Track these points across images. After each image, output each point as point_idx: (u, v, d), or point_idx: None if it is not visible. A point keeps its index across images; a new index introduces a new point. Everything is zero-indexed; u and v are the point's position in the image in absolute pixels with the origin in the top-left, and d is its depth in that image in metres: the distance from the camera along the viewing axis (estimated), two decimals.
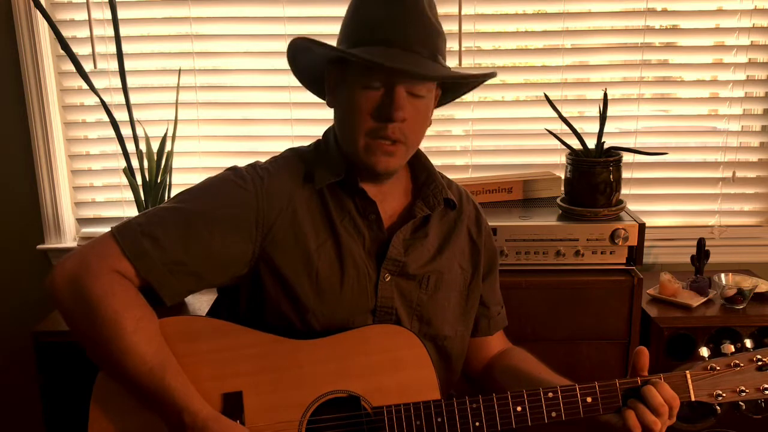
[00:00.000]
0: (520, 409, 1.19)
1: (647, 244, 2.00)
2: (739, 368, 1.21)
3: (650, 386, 1.18)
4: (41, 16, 2.08)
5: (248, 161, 1.34)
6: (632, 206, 2.17)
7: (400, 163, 1.27)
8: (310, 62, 1.29)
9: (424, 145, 1.34)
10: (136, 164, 2.05)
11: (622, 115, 2.32)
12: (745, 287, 1.97)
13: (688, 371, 1.21)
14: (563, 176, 2.05)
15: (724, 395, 1.20)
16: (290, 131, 2.34)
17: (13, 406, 2.45)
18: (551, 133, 2.06)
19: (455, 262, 1.38)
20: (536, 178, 2.18)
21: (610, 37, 2.28)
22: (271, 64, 2.30)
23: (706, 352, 1.24)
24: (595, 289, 1.90)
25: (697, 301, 1.99)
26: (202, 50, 2.30)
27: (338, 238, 1.27)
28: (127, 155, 2.06)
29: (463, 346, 1.40)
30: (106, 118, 2.03)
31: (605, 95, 1.95)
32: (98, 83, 2.13)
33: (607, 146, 1.97)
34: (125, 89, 2.03)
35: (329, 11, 2.24)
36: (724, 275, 2.06)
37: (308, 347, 1.22)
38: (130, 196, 2.18)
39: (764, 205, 2.38)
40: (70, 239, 2.38)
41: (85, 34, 2.26)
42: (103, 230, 1.23)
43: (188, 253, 1.19)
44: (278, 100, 2.32)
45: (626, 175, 2.12)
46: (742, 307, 1.97)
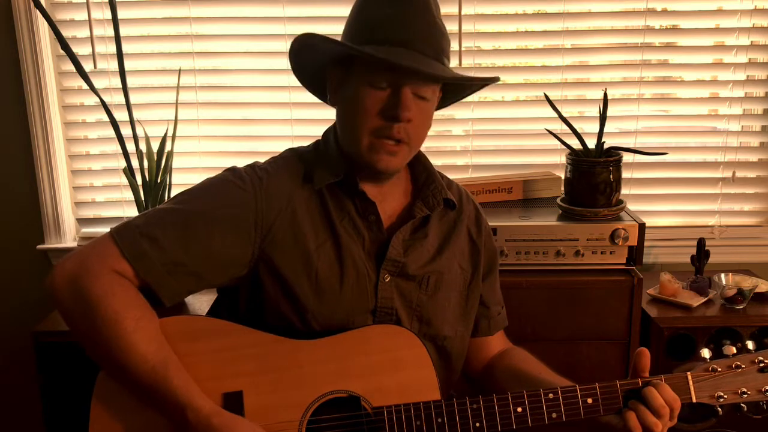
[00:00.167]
0: (520, 409, 1.19)
1: (647, 244, 2.00)
2: (740, 370, 1.20)
3: (651, 387, 1.18)
4: (41, 16, 2.08)
5: (248, 161, 1.34)
6: (632, 206, 2.17)
7: (401, 163, 1.28)
8: (311, 60, 1.29)
9: (424, 145, 1.34)
10: (136, 164, 2.05)
11: (622, 115, 2.32)
12: (745, 287, 1.97)
13: (689, 372, 1.21)
14: (563, 176, 2.05)
15: (725, 397, 1.20)
16: (290, 131, 2.34)
17: (13, 406, 2.45)
18: (551, 133, 2.06)
19: (455, 262, 1.37)
20: (536, 178, 2.18)
21: (610, 37, 2.28)
22: (271, 64, 2.30)
23: (707, 353, 1.23)
24: (595, 289, 1.90)
25: (697, 301, 1.99)
26: (202, 50, 2.30)
27: (338, 238, 1.27)
28: (127, 155, 2.06)
29: (463, 346, 1.40)
30: (106, 118, 2.03)
31: (605, 95, 1.95)
32: (98, 83, 2.13)
33: (607, 146, 1.97)
34: (125, 89, 2.03)
35: (329, 11, 2.25)
36: (724, 275, 2.06)
37: (308, 347, 1.22)
38: (130, 196, 2.18)
39: (764, 205, 2.38)
40: (70, 239, 2.38)
41: (85, 34, 2.26)
42: (103, 230, 1.23)
43: (187, 253, 1.19)
44: (278, 100, 2.32)
45: (626, 175, 2.12)
46: (742, 307, 1.97)
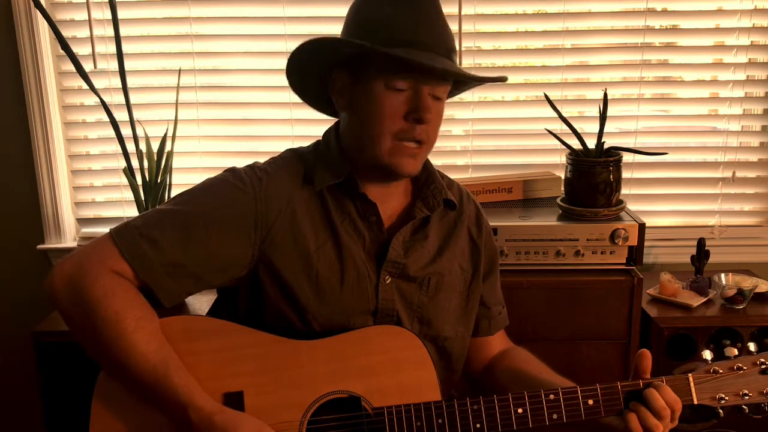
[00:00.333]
0: (521, 410, 1.19)
1: (647, 244, 2.00)
2: (742, 371, 1.20)
3: (652, 389, 1.18)
4: (41, 16, 2.07)
5: (248, 161, 1.34)
6: (632, 206, 2.17)
7: (421, 164, 1.28)
8: (313, 66, 1.26)
9: None
10: (136, 164, 2.05)
11: (622, 115, 2.32)
12: (745, 287, 1.97)
13: (690, 374, 1.20)
14: (563, 176, 2.05)
15: (726, 398, 1.19)
16: (290, 131, 2.34)
17: (13, 406, 2.44)
18: (551, 133, 2.06)
19: (455, 263, 1.37)
20: (536, 178, 2.18)
21: (610, 37, 2.28)
22: (271, 64, 2.30)
23: (708, 354, 1.23)
24: (595, 289, 1.90)
25: (697, 301, 1.99)
26: (202, 50, 2.30)
27: (338, 239, 1.26)
28: (127, 155, 2.06)
29: (463, 346, 1.40)
30: (106, 118, 2.03)
31: (605, 95, 1.95)
32: (98, 83, 2.13)
33: (607, 146, 1.97)
34: (125, 89, 2.03)
35: (329, 11, 2.24)
36: (724, 275, 2.06)
37: (309, 347, 1.22)
38: (130, 196, 2.18)
39: (764, 205, 2.38)
40: (70, 239, 2.38)
41: (85, 34, 2.26)
42: (103, 230, 1.23)
43: (186, 255, 1.19)
44: (278, 100, 2.32)
45: (626, 175, 2.12)
46: (742, 307, 1.97)
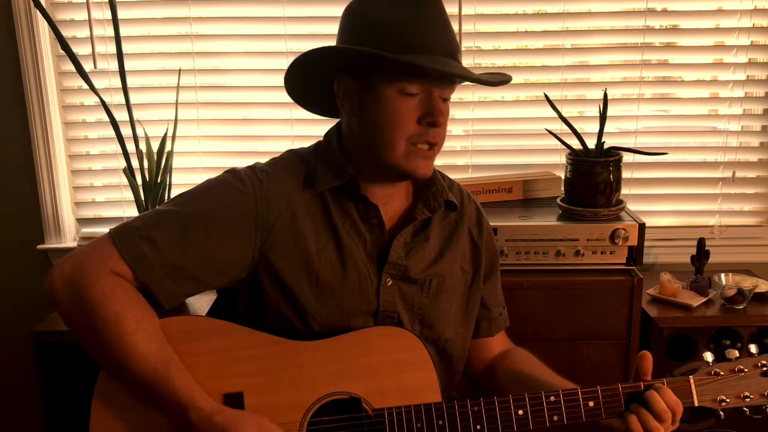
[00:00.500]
0: (521, 412, 1.19)
1: (647, 244, 2.00)
2: (743, 374, 1.19)
3: (653, 392, 1.17)
4: (41, 16, 2.07)
5: (248, 161, 1.33)
6: (632, 206, 2.17)
7: (432, 166, 1.28)
8: (316, 73, 1.26)
9: None
10: (136, 164, 2.05)
11: (622, 115, 2.32)
12: (745, 287, 1.97)
13: (691, 376, 1.20)
14: (563, 176, 2.05)
15: (727, 401, 1.19)
16: (290, 131, 2.34)
17: (13, 406, 2.44)
18: (551, 133, 2.06)
19: (456, 264, 1.37)
20: (536, 178, 2.18)
21: (610, 37, 2.28)
22: (271, 64, 2.30)
23: (710, 356, 1.22)
24: (595, 289, 1.90)
25: (697, 301, 1.99)
26: (202, 50, 2.30)
27: (340, 241, 1.26)
28: (127, 155, 2.06)
29: (464, 347, 1.40)
30: (106, 118, 2.03)
31: (605, 95, 1.95)
32: (98, 83, 2.13)
33: (607, 146, 1.97)
34: (125, 89, 2.03)
35: (329, 11, 2.24)
36: (724, 275, 2.06)
37: (309, 348, 1.22)
38: (130, 196, 2.18)
39: (764, 205, 2.38)
40: (70, 239, 2.38)
41: (85, 34, 2.26)
42: (103, 230, 1.23)
43: (185, 256, 1.18)
44: (278, 100, 2.31)
45: (626, 175, 2.12)
46: (742, 307, 1.97)
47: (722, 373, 1.20)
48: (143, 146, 2.07)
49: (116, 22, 2.00)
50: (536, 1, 2.25)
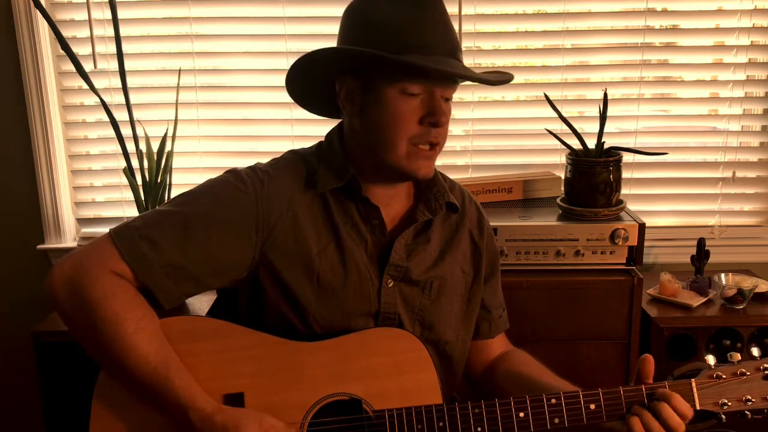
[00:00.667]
0: (522, 414, 1.19)
1: (647, 244, 2.00)
2: (745, 377, 1.19)
3: (665, 404, 1.15)
4: (41, 16, 2.07)
5: (248, 161, 1.33)
6: (632, 206, 2.17)
7: (434, 166, 1.28)
8: (316, 74, 1.26)
9: None
10: (136, 164, 2.05)
11: (622, 115, 2.32)
12: (745, 287, 1.97)
13: (693, 380, 1.19)
14: (563, 176, 2.05)
15: (729, 404, 1.18)
16: (290, 131, 2.34)
17: (13, 406, 2.44)
18: (551, 133, 2.06)
19: (457, 266, 1.37)
20: (536, 178, 2.18)
21: (610, 37, 2.28)
22: (271, 64, 2.30)
23: (712, 359, 1.22)
24: (595, 289, 1.90)
25: (697, 301, 1.99)
26: (202, 50, 2.30)
27: (341, 242, 1.26)
28: (127, 155, 2.06)
29: (464, 349, 1.40)
30: (106, 118, 2.03)
31: (605, 95, 1.95)
32: (98, 83, 2.13)
33: (607, 146, 1.97)
34: (125, 89, 2.03)
35: (329, 11, 2.24)
36: (724, 275, 2.06)
37: (310, 349, 1.22)
38: (130, 196, 2.18)
39: (764, 205, 2.38)
40: (70, 239, 2.38)
41: (85, 34, 2.26)
42: (103, 230, 1.23)
43: (185, 257, 1.18)
44: (278, 100, 2.31)
45: (626, 175, 2.12)
46: (742, 307, 1.97)
47: (724, 376, 1.19)
48: (143, 146, 2.07)
49: (116, 22, 2.00)
50: (536, 1, 2.25)
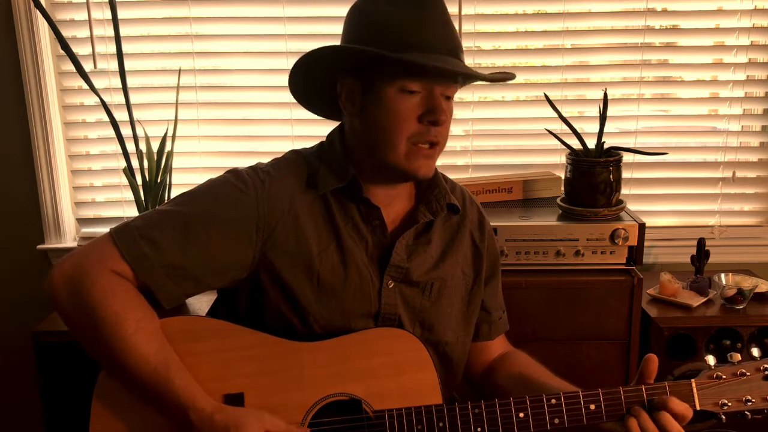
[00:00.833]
0: (522, 414, 1.19)
1: (647, 244, 2.00)
2: (745, 377, 1.19)
3: (665, 413, 1.16)
4: (41, 16, 2.07)
5: (248, 161, 1.33)
6: (632, 206, 2.17)
7: (434, 166, 1.28)
8: (318, 74, 1.26)
9: None
10: (136, 164, 2.05)
11: (622, 115, 2.32)
12: (745, 287, 1.97)
13: (693, 380, 1.19)
14: (563, 176, 2.05)
15: (729, 404, 1.18)
16: (290, 131, 2.34)
17: (13, 406, 2.44)
18: (551, 133, 2.06)
19: (458, 268, 1.37)
20: (536, 178, 2.18)
21: (610, 37, 2.28)
22: (271, 64, 2.30)
23: (712, 360, 1.21)
24: (595, 289, 1.90)
25: (697, 301, 1.99)
26: (202, 50, 2.30)
27: (341, 242, 1.26)
28: (127, 155, 2.06)
29: (464, 351, 1.40)
30: (106, 118, 2.03)
31: (605, 95, 1.95)
32: (98, 83, 2.13)
33: (607, 146, 1.97)
34: (125, 89, 2.03)
35: (329, 11, 2.24)
36: (724, 275, 2.06)
37: (310, 349, 1.22)
38: (130, 196, 2.18)
39: (764, 205, 2.38)
40: (70, 239, 2.38)
41: (85, 34, 2.26)
42: (103, 230, 1.23)
43: (185, 257, 1.18)
44: (278, 100, 2.31)
45: (626, 175, 2.12)
46: (742, 307, 1.97)
47: (724, 376, 1.19)
48: (143, 146, 2.07)
49: (116, 22, 2.00)
50: (536, 1, 2.25)
